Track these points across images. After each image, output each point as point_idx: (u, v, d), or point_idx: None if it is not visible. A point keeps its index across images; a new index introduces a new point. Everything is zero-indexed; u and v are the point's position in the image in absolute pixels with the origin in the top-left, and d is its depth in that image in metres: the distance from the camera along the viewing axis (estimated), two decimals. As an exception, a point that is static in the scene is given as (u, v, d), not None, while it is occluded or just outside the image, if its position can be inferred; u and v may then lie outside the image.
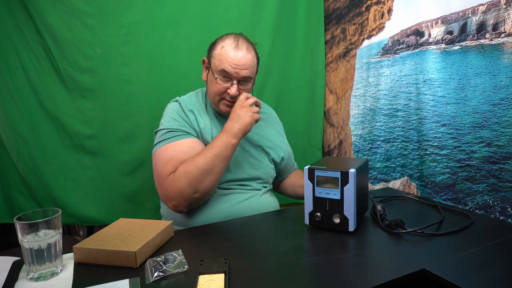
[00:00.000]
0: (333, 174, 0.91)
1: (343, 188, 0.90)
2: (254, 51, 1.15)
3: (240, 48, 1.10)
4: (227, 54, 1.09)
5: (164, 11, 1.45)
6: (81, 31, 1.34)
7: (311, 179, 0.94)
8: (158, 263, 0.75)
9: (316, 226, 0.95)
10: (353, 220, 0.90)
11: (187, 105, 1.17)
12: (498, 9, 1.08)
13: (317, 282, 0.70)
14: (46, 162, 1.38)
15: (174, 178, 1.02)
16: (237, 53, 1.09)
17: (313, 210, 0.94)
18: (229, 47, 1.10)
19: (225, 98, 1.13)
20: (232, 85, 1.11)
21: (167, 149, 1.08)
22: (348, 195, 0.90)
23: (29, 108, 1.35)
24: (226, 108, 1.15)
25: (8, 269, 0.78)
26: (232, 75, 1.10)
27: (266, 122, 1.30)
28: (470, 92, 1.16)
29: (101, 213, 1.45)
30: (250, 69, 1.11)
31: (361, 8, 1.56)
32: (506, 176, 1.07)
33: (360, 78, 1.60)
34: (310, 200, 0.95)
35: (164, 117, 1.17)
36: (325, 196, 0.92)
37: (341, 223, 0.91)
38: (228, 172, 1.15)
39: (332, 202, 0.91)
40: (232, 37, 1.13)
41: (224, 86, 1.11)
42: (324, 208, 0.93)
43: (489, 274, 0.70)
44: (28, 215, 0.75)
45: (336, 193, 0.91)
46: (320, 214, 0.93)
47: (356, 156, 1.64)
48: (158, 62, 1.46)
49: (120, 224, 0.93)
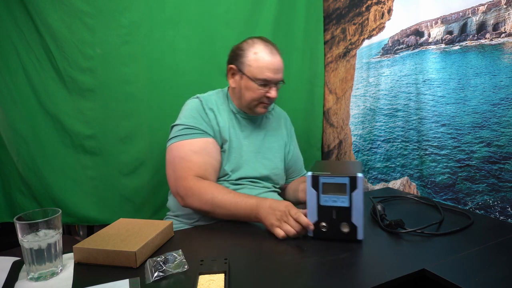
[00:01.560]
0: (341, 180, 0.84)
1: (352, 194, 0.84)
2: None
3: (274, 53, 1.14)
4: (265, 61, 1.13)
5: (164, 11, 1.45)
6: (81, 31, 1.34)
7: (315, 187, 0.86)
8: (158, 263, 0.75)
9: (321, 238, 0.88)
10: (362, 228, 0.85)
11: (207, 103, 1.19)
12: (499, 9, 1.08)
13: (317, 282, 0.70)
14: (46, 162, 1.38)
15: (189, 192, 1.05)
16: (274, 58, 1.13)
17: (318, 220, 0.87)
18: (264, 53, 1.13)
19: (263, 102, 1.17)
20: (271, 88, 1.15)
21: (182, 146, 1.10)
22: (357, 201, 0.84)
23: (29, 108, 1.35)
24: (264, 110, 1.20)
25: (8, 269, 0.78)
26: (273, 80, 1.14)
27: (277, 122, 1.34)
28: (470, 92, 1.16)
29: (101, 213, 1.45)
30: (283, 72, 1.17)
31: (361, 8, 1.56)
32: (506, 176, 1.07)
33: (360, 78, 1.60)
34: (314, 210, 0.87)
35: (183, 113, 1.18)
36: (331, 204, 0.85)
37: (350, 232, 0.85)
38: (241, 169, 1.18)
39: (340, 210, 0.85)
40: (262, 42, 1.16)
41: (264, 91, 1.15)
42: (330, 217, 0.86)
43: (489, 274, 0.70)
44: (28, 215, 0.75)
45: (344, 200, 0.85)
46: (326, 224, 0.87)
47: (356, 156, 1.64)
48: (158, 62, 1.46)
49: (120, 224, 0.93)
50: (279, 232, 0.89)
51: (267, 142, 1.26)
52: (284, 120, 1.38)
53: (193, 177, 1.06)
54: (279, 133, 1.31)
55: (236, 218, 1.01)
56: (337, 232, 0.86)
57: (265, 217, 0.93)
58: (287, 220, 0.90)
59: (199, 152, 1.10)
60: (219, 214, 1.03)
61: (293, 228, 0.88)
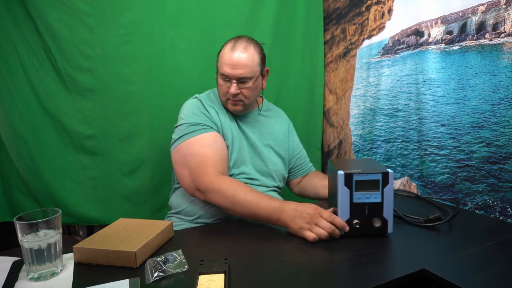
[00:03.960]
0: (374, 177, 0.87)
1: (383, 189, 0.87)
2: (254, 50, 1.16)
3: (236, 48, 1.14)
4: (225, 55, 1.15)
5: (164, 11, 1.45)
6: (81, 31, 1.34)
7: (348, 185, 0.87)
8: (158, 263, 0.75)
9: (353, 235, 0.89)
10: (392, 221, 0.88)
11: (207, 101, 1.21)
12: (498, 9, 1.08)
13: (317, 282, 0.70)
14: (46, 162, 1.38)
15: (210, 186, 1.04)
16: (232, 53, 1.13)
17: (350, 218, 0.88)
18: (227, 49, 1.15)
19: (229, 98, 1.17)
20: (231, 84, 1.14)
21: (193, 143, 1.10)
22: (388, 196, 0.87)
23: (29, 108, 1.35)
24: (233, 107, 1.19)
25: (8, 269, 0.78)
26: (230, 75, 1.14)
27: (274, 120, 1.34)
28: (469, 92, 1.16)
29: (101, 213, 1.45)
30: (246, 68, 1.13)
31: (361, 8, 1.56)
32: (506, 176, 1.07)
33: (360, 78, 1.60)
34: (346, 208, 0.88)
35: (184, 112, 1.19)
36: (364, 201, 0.87)
37: (381, 226, 0.88)
38: (241, 167, 1.19)
39: (372, 206, 0.88)
40: (234, 39, 1.18)
41: (226, 86, 1.15)
42: (363, 214, 0.88)
43: (489, 274, 0.70)
44: (28, 215, 0.75)
45: (377, 196, 0.87)
46: (359, 221, 0.88)
47: (356, 156, 1.64)
48: (158, 62, 1.46)
49: (120, 224, 0.93)
50: (310, 235, 0.88)
51: (266, 140, 1.27)
52: (282, 118, 1.38)
53: (212, 172, 1.05)
54: (278, 130, 1.32)
55: (256, 219, 1.00)
56: (369, 228, 0.88)
57: (292, 220, 0.91)
58: (318, 222, 0.89)
59: (210, 146, 1.10)
60: (239, 213, 1.01)
61: (326, 230, 0.88)
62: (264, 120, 1.31)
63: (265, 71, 1.23)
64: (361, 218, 0.88)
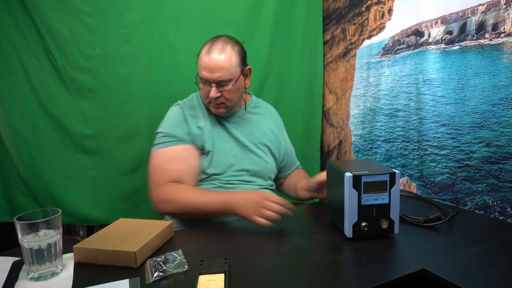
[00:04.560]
0: (382, 178, 0.86)
1: (391, 190, 0.86)
2: (232, 51, 1.13)
3: (212, 51, 1.11)
4: (202, 59, 1.12)
5: (164, 11, 1.45)
6: (81, 31, 1.34)
7: (356, 187, 0.86)
8: (158, 263, 0.75)
9: (361, 237, 0.88)
10: (398, 222, 0.88)
11: (188, 108, 1.20)
12: (498, 9, 1.08)
13: (317, 282, 0.70)
14: (46, 162, 1.38)
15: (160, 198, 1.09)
16: (209, 56, 1.10)
17: (358, 220, 0.87)
18: (204, 52, 1.13)
19: (211, 101, 1.15)
20: (211, 87, 1.12)
21: (157, 155, 1.15)
22: (395, 197, 0.87)
23: (29, 108, 1.35)
24: (215, 110, 1.17)
25: (8, 269, 0.78)
26: (208, 79, 1.11)
27: (264, 117, 1.31)
28: (469, 92, 1.16)
29: (101, 213, 1.45)
30: (223, 71, 1.10)
31: (361, 8, 1.56)
32: (505, 176, 1.07)
33: (360, 78, 1.60)
34: (354, 210, 0.87)
35: (164, 120, 1.21)
36: (372, 202, 0.86)
37: (388, 227, 0.87)
38: (230, 168, 1.17)
39: (379, 207, 0.87)
40: (211, 40, 1.15)
41: (207, 90, 1.13)
42: (371, 215, 0.87)
43: (489, 274, 0.70)
44: (28, 215, 0.75)
45: (384, 197, 0.86)
46: (367, 223, 0.87)
47: (356, 156, 1.64)
48: (158, 62, 1.46)
49: (120, 224, 0.93)
50: (261, 220, 0.92)
51: (256, 138, 1.24)
52: (271, 115, 1.35)
53: (165, 184, 1.09)
54: (268, 127, 1.29)
55: (210, 216, 1.04)
56: (377, 229, 0.88)
57: (241, 209, 0.96)
58: (265, 206, 0.93)
59: (171, 160, 1.13)
60: (193, 216, 1.05)
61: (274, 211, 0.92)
62: (253, 118, 1.28)
63: (246, 70, 1.19)
64: (369, 220, 0.87)
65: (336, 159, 1.76)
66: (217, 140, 1.18)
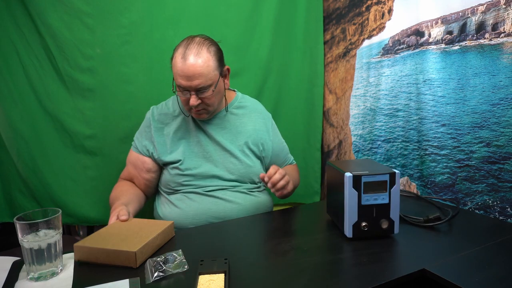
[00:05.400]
0: (382, 178, 0.86)
1: (391, 190, 0.86)
2: (208, 54, 1.05)
3: (187, 56, 1.02)
4: (176, 65, 1.04)
5: (164, 11, 1.45)
6: (81, 31, 1.34)
7: (356, 187, 0.86)
8: (158, 263, 0.75)
9: (361, 237, 0.88)
10: (398, 222, 0.88)
11: (159, 114, 1.22)
12: (498, 9, 1.08)
13: (317, 282, 0.70)
14: (46, 162, 1.38)
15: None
16: (184, 63, 1.02)
17: (357, 220, 0.87)
18: (178, 57, 1.04)
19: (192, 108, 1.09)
20: (191, 95, 1.06)
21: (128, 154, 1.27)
22: (394, 197, 0.87)
23: (29, 108, 1.35)
24: (199, 116, 1.14)
25: (8, 269, 0.78)
26: (186, 88, 1.05)
27: (248, 117, 1.24)
28: (469, 92, 1.16)
29: (101, 213, 1.45)
30: (202, 78, 1.03)
31: (361, 8, 1.56)
32: (505, 176, 1.07)
33: (360, 78, 1.60)
34: (354, 211, 0.87)
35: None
36: (372, 202, 0.86)
37: (388, 227, 0.87)
38: (212, 174, 1.15)
39: (379, 207, 0.87)
40: (183, 44, 1.07)
41: (186, 98, 1.08)
42: (370, 215, 0.87)
43: (489, 274, 0.70)
44: (28, 215, 0.75)
45: (384, 197, 0.86)
46: (367, 223, 0.87)
47: (356, 156, 1.64)
48: (158, 62, 1.46)
49: (120, 223, 0.93)
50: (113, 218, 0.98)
51: (239, 140, 1.19)
52: (257, 113, 1.27)
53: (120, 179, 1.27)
54: (252, 127, 1.22)
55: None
56: (377, 229, 0.88)
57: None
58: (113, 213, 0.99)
59: (128, 164, 1.26)
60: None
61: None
62: (235, 119, 1.22)
63: (225, 70, 1.13)
64: (369, 220, 0.87)
65: (336, 159, 1.76)
66: (194, 145, 1.17)
